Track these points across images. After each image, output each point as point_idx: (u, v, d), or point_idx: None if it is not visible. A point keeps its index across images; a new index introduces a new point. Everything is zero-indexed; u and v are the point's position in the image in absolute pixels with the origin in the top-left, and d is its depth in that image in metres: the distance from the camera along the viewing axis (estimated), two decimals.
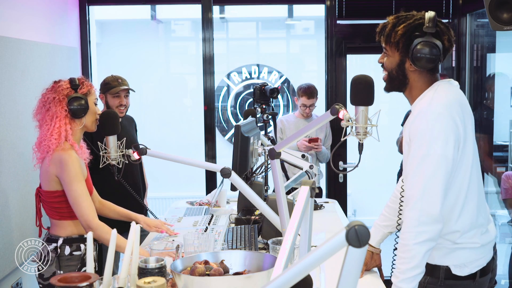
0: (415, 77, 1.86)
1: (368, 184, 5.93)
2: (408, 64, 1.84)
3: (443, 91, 1.81)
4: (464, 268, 1.84)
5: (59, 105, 2.36)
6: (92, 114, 2.44)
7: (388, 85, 1.93)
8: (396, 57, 1.86)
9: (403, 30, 1.81)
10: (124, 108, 3.25)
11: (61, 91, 2.38)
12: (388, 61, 1.89)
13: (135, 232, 1.69)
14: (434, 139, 1.73)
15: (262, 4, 5.35)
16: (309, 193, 1.25)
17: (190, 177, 5.28)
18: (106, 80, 3.25)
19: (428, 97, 1.81)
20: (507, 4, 2.68)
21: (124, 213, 2.67)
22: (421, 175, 1.74)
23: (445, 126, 1.74)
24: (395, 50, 1.85)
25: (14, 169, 2.96)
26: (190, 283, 1.52)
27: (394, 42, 1.84)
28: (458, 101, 1.81)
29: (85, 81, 2.45)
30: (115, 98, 3.20)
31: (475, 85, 4.47)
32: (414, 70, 1.84)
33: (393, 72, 1.88)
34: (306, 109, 4.07)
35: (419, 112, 1.78)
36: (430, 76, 1.86)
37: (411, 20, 1.82)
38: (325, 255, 0.92)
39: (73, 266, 2.38)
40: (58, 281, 1.45)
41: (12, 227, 2.92)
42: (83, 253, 2.40)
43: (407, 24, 1.81)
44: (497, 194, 4.26)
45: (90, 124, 2.45)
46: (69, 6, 4.16)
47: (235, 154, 2.34)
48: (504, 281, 4.14)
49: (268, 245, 2.11)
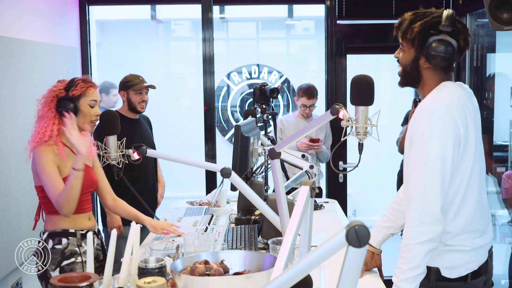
0: (428, 74, 1.86)
1: (368, 184, 5.93)
2: (422, 61, 1.84)
3: (447, 91, 1.81)
4: (454, 271, 1.83)
5: (47, 106, 2.41)
6: (84, 116, 2.45)
7: (402, 80, 1.94)
8: (411, 53, 1.86)
9: (420, 27, 1.82)
10: (145, 104, 3.48)
11: (52, 92, 2.43)
12: (403, 57, 1.90)
13: (135, 232, 1.69)
14: (433, 139, 1.73)
15: (262, 4, 5.35)
16: (309, 193, 1.25)
17: (190, 177, 5.28)
18: (126, 78, 3.46)
19: (431, 96, 1.81)
20: (507, 4, 2.69)
21: (133, 214, 2.70)
22: (421, 175, 1.74)
23: (445, 126, 1.73)
24: (411, 47, 1.85)
25: (14, 169, 2.97)
26: (190, 283, 1.52)
27: (410, 39, 1.84)
28: (460, 101, 1.80)
29: (82, 83, 2.44)
30: (138, 94, 3.43)
31: (475, 85, 4.46)
32: (428, 67, 1.84)
33: (407, 68, 1.89)
34: (306, 109, 4.07)
35: (420, 111, 1.78)
36: (444, 74, 1.86)
37: (428, 18, 1.82)
38: (325, 255, 0.92)
39: (54, 259, 2.40)
40: (58, 281, 1.45)
41: (12, 227, 2.92)
42: (64, 247, 2.42)
43: (423, 22, 1.82)
44: (497, 194, 4.27)
45: (82, 125, 2.45)
46: (69, 6, 4.16)
47: (235, 154, 2.34)
48: (504, 281, 4.14)
49: (268, 245, 2.11)
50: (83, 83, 2.44)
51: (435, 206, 1.72)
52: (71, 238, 2.45)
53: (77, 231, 2.47)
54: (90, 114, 2.46)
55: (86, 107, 2.44)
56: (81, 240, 2.46)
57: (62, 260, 2.40)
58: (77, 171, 2.30)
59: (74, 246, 2.44)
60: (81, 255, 2.43)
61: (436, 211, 1.72)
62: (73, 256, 2.43)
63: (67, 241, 2.44)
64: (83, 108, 2.43)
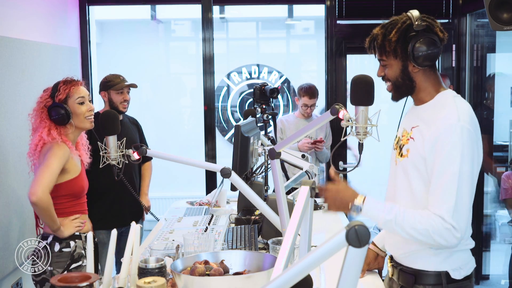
0: (420, 77, 1.83)
1: (368, 184, 5.92)
2: (411, 67, 1.81)
3: (462, 106, 1.78)
4: (461, 271, 1.83)
5: (39, 117, 2.44)
6: (77, 116, 2.46)
7: (395, 94, 1.89)
8: (398, 64, 1.82)
9: (396, 36, 1.78)
10: (127, 103, 3.36)
11: (40, 103, 2.45)
12: (390, 71, 1.85)
13: (135, 232, 1.69)
14: (465, 157, 1.71)
15: (262, 4, 5.36)
16: (309, 193, 1.26)
17: (190, 177, 5.28)
18: (107, 78, 3.34)
19: (451, 110, 1.76)
20: (507, 4, 2.69)
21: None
22: (453, 192, 1.71)
23: (473, 144, 1.73)
24: (394, 58, 1.81)
25: (14, 169, 2.97)
26: (190, 283, 1.52)
27: (390, 51, 1.81)
28: (474, 116, 1.81)
29: (64, 85, 2.46)
30: (119, 94, 3.30)
31: (475, 85, 4.47)
32: (418, 70, 1.81)
33: (398, 80, 1.84)
34: (308, 109, 4.07)
35: (449, 126, 1.73)
36: (433, 73, 1.85)
37: (399, 24, 1.79)
38: (325, 255, 0.92)
39: (62, 262, 2.40)
40: (58, 281, 1.45)
41: (12, 227, 2.92)
42: (73, 250, 2.42)
43: (397, 29, 1.78)
44: (497, 194, 4.26)
45: (80, 124, 2.47)
46: (69, 6, 4.16)
47: (235, 154, 2.34)
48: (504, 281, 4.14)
49: (268, 245, 2.11)
50: (65, 85, 2.46)
51: (464, 223, 1.71)
52: (77, 241, 2.46)
53: (81, 233, 2.48)
54: (83, 112, 2.47)
55: (75, 106, 2.45)
56: (85, 242, 2.46)
57: (71, 263, 2.41)
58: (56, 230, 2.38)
59: (81, 249, 2.45)
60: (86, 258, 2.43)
61: (463, 228, 1.71)
62: (81, 259, 2.44)
63: (75, 244, 2.44)
64: (73, 108, 2.45)
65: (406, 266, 1.89)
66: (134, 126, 3.54)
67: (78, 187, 2.49)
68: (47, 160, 2.34)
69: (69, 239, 2.44)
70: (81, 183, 2.50)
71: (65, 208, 2.46)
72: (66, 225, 2.43)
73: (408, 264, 1.89)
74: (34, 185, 2.30)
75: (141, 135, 3.60)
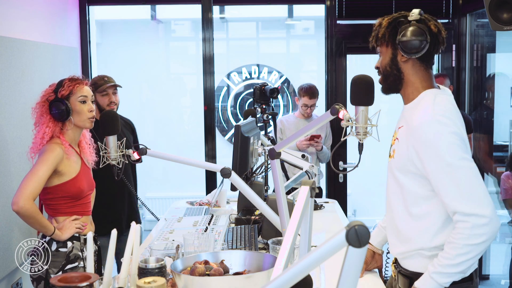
0: (409, 70, 1.85)
1: (368, 184, 5.93)
2: (400, 56, 1.84)
3: (439, 102, 1.79)
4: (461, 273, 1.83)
5: (40, 111, 2.43)
6: (78, 114, 2.45)
7: (384, 85, 1.92)
8: (389, 52, 1.86)
9: (387, 22, 1.84)
10: (115, 105, 3.22)
11: (43, 97, 2.44)
12: (382, 60, 1.90)
13: (135, 232, 1.69)
14: (450, 146, 1.70)
15: (262, 4, 5.35)
16: (309, 193, 1.25)
17: (190, 177, 5.28)
18: (93, 80, 3.24)
19: (427, 107, 1.77)
20: (507, 4, 2.69)
21: None
22: (455, 184, 1.70)
23: (449, 128, 1.72)
24: (385, 45, 1.86)
25: (14, 169, 2.97)
26: (190, 283, 1.52)
27: (381, 37, 1.85)
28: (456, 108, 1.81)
29: (68, 82, 2.45)
30: (104, 96, 3.18)
31: (475, 85, 4.47)
32: (407, 60, 1.84)
33: (387, 68, 1.88)
34: (308, 109, 4.07)
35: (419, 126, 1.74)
36: (424, 71, 1.85)
37: (396, 15, 1.85)
38: (325, 255, 0.92)
39: (58, 262, 2.39)
40: (58, 281, 1.45)
41: (12, 227, 2.92)
42: (69, 251, 2.41)
43: (390, 17, 1.85)
44: (497, 194, 4.26)
45: (80, 123, 2.47)
46: (69, 6, 4.16)
47: (235, 154, 2.34)
48: (504, 281, 4.14)
49: (268, 245, 2.11)
50: (69, 82, 2.45)
51: (482, 203, 1.68)
52: (75, 242, 2.45)
53: (80, 235, 2.47)
54: (84, 111, 2.46)
55: (77, 104, 2.44)
56: (84, 245, 2.45)
57: (66, 264, 2.40)
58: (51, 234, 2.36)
59: (78, 251, 2.44)
60: (83, 260, 2.42)
61: (485, 210, 1.68)
62: (77, 261, 2.42)
63: (72, 244, 2.43)
64: (75, 106, 2.44)
65: (405, 268, 1.90)
66: (129, 128, 3.48)
67: (75, 188, 2.45)
68: (35, 165, 2.34)
69: (67, 239, 2.43)
70: (79, 185, 2.46)
71: (64, 208, 2.45)
72: (65, 226, 2.42)
73: (406, 266, 1.89)
74: (17, 194, 2.28)
75: (135, 138, 3.53)
